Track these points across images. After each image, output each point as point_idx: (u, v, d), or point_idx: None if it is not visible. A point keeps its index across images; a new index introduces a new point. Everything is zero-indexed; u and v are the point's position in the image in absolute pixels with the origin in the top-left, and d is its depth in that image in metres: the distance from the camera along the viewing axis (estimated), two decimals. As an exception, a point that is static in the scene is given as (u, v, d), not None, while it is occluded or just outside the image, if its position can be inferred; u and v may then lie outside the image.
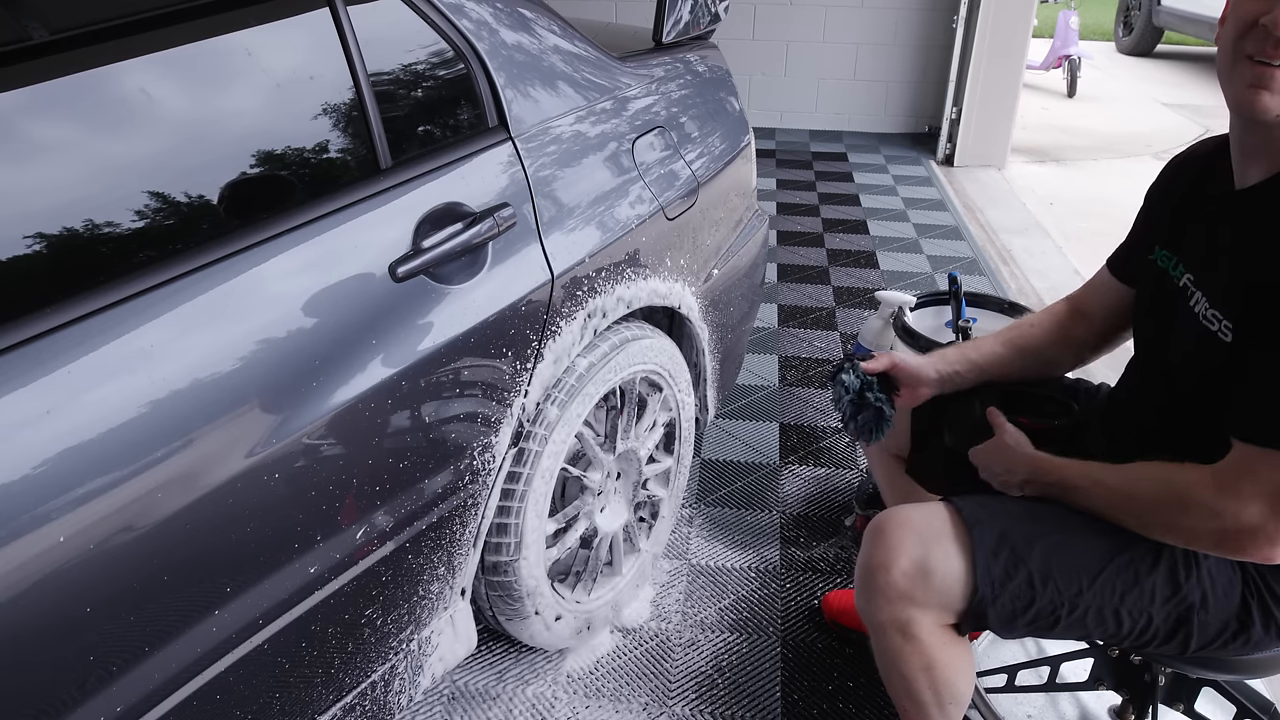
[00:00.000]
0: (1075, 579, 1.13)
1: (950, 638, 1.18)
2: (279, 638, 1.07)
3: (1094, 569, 1.13)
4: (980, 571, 1.13)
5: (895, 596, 1.14)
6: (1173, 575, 1.13)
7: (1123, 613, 1.14)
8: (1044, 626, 1.17)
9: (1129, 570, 1.13)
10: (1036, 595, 1.13)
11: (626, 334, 1.61)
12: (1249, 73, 1.01)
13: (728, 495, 2.24)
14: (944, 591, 1.13)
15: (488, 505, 1.40)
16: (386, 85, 1.26)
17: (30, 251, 0.88)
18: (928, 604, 1.14)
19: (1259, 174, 1.08)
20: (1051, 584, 1.13)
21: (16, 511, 0.81)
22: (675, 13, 1.84)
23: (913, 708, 1.24)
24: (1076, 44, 6.54)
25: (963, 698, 1.24)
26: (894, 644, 1.17)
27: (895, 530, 1.17)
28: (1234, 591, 1.12)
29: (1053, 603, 1.13)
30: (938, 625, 1.16)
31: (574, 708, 1.64)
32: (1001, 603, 1.13)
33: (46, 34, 0.96)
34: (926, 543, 1.14)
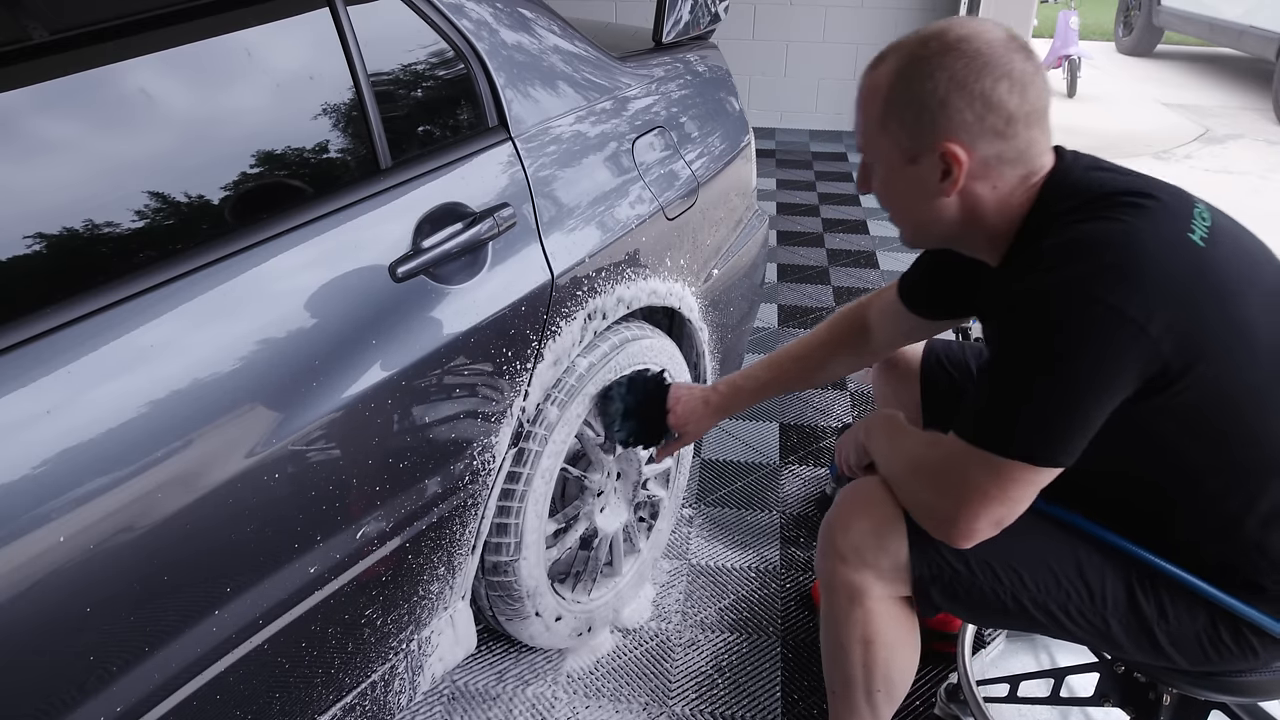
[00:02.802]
0: (1014, 569, 1.13)
1: (898, 616, 1.18)
2: (279, 638, 1.07)
3: (1034, 562, 1.13)
4: (917, 545, 1.13)
5: (849, 556, 1.16)
6: (1126, 584, 1.12)
7: (1074, 613, 1.13)
8: (992, 614, 1.17)
9: (1074, 570, 1.13)
10: (976, 579, 1.13)
11: (626, 334, 1.61)
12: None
13: (728, 495, 2.24)
14: (895, 560, 1.14)
15: (488, 505, 1.40)
16: (386, 85, 1.26)
17: (30, 251, 0.88)
18: (880, 570, 1.15)
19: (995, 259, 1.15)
20: (989, 571, 1.13)
21: (16, 511, 0.81)
22: (675, 13, 1.84)
23: (840, 688, 1.25)
24: (1076, 44, 6.54)
25: (893, 688, 1.23)
26: (840, 608, 1.19)
27: (859, 494, 1.19)
28: (1197, 607, 1.10)
29: (994, 590, 1.13)
30: (889, 597, 1.17)
31: (574, 708, 1.64)
32: (941, 582, 1.14)
33: (46, 34, 0.96)
34: (884, 516, 1.15)
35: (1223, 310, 0.98)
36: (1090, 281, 0.95)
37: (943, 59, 1.01)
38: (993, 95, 1.00)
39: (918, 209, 1.11)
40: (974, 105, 1.01)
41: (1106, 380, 0.96)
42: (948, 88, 1.01)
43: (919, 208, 1.10)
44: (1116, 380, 0.96)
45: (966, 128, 1.02)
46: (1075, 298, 0.95)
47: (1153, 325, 0.94)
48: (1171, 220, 1.00)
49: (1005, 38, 1.02)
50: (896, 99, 1.05)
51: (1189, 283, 0.97)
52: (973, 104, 1.01)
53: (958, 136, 1.02)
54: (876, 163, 1.12)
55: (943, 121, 1.02)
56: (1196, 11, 7.34)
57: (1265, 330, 1.01)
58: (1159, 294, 0.94)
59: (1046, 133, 1.07)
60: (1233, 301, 0.99)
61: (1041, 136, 1.06)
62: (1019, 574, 1.13)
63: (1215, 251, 1.00)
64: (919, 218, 1.12)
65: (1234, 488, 1.06)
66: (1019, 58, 1.01)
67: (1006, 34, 1.03)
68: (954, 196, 1.06)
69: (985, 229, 1.09)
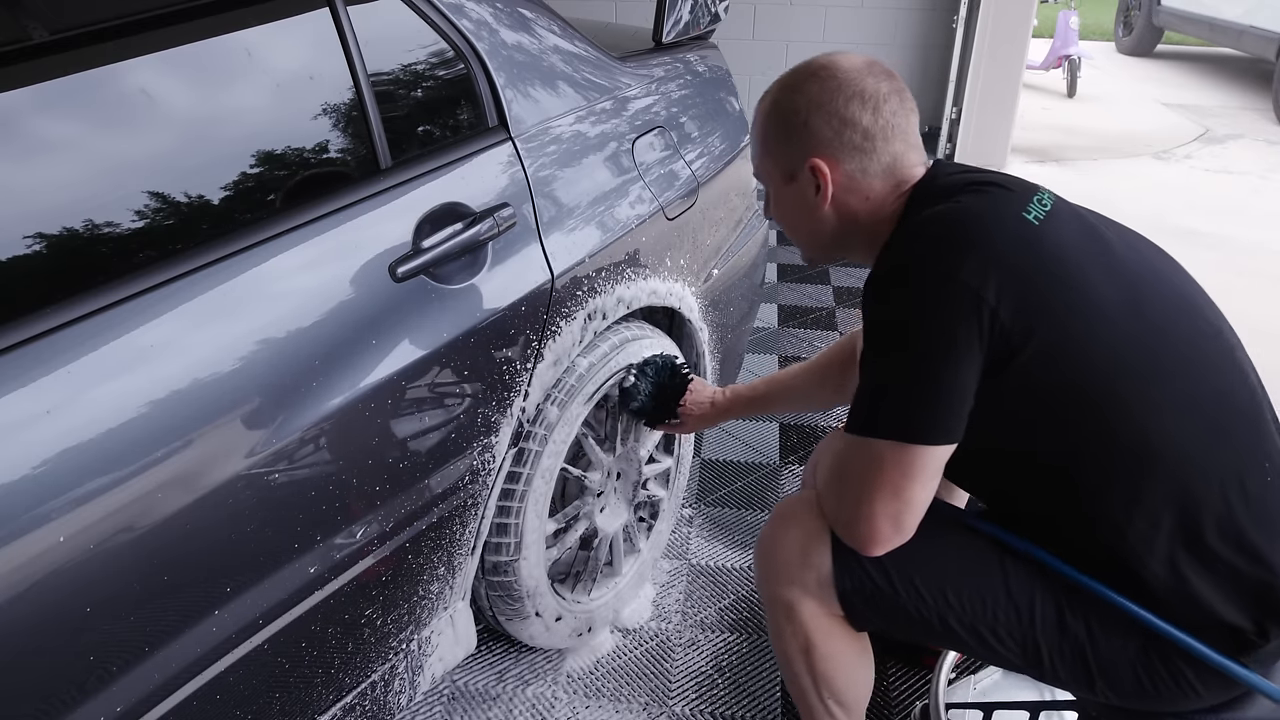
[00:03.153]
0: (938, 585, 1.11)
1: (834, 629, 1.18)
2: (279, 638, 1.07)
3: (957, 576, 1.11)
4: (840, 559, 1.13)
5: (779, 575, 1.18)
6: (1055, 602, 1.09)
7: (1002, 634, 1.10)
8: (923, 633, 1.15)
9: (1000, 587, 1.11)
10: (899, 596, 1.12)
11: (627, 334, 1.61)
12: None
13: (728, 495, 2.24)
14: (819, 575, 1.14)
15: (488, 506, 1.40)
16: (386, 85, 1.26)
17: (30, 251, 0.88)
18: (806, 585, 1.15)
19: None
20: (912, 587, 1.11)
21: (16, 511, 0.81)
22: (675, 13, 1.84)
23: (796, 693, 1.25)
24: (1076, 44, 6.54)
25: (843, 696, 1.23)
26: (778, 621, 1.21)
27: (789, 509, 1.21)
28: (1130, 632, 1.07)
29: (918, 608, 1.12)
30: (822, 612, 1.17)
31: (574, 708, 1.64)
32: (865, 596, 1.13)
33: (46, 34, 0.96)
34: (810, 529, 1.16)
35: (1058, 278, 1.02)
36: (926, 256, 1.03)
37: (805, 85, 1.15)
38: (846, 113, 1.12)
39: (803, 223, 1.22)
40: (831, 123, 1.12)
41: (951, 345, 1.00)
42: (808, 109, 1.14)
43: (803, 222, 1.21)
44: (961, 345, 1.00)
45: (828, 144, 1.13)
46: (912, 272, 1.03)
47: (987, 290, 0.99)
48: (1008, 201, 1.08)
49: (863, 64, 1.15)
50: (772, 125, 1.19)
51: (1021, 250, 1.03)
52: (830, 121, 1.12)
53: (821, 153, 1.14)
54: (768, 186, 1.25)
55: (808, 140, 1.14)
56: (1196, 11, 7.34)
57: (1110, 302, 1.03)
58: (991, 261, 1.00)
59: (912, 147, 1.16)
60: (1068, 269, 1.04)
61: (906, 150, 1.15)
62: (942, 590, 1.11)
63: (1049, 227, 1.06)
64: (806, 230, 1.23)
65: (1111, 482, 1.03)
66: (872, 80, 1.13)
67: (865, 61, 1.15)
68: (830, 209, 1.17)
69: (863, 237, 1.19)
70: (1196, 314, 1.10)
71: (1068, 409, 1.03)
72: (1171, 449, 1.02)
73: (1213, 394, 1.05)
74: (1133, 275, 1.08)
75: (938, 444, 1.03)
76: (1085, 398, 1.02)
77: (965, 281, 0.99)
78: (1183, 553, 1.03)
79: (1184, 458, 1.02)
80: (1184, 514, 1.02)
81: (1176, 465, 1.02)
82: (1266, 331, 3.12)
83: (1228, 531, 1.02)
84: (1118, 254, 1.09)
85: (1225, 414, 1.05)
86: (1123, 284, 1.06)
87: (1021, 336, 0.99)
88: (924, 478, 1.05)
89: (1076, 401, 1.02)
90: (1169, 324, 1.06)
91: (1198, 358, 1.07)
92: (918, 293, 1.02)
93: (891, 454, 1.03)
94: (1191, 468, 1.02)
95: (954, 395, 1.01)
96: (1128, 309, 1.04)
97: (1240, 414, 1.06)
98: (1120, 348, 1.03)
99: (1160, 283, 1.10)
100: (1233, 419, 1.05)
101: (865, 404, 1.06)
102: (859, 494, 1.07)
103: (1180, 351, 1.05)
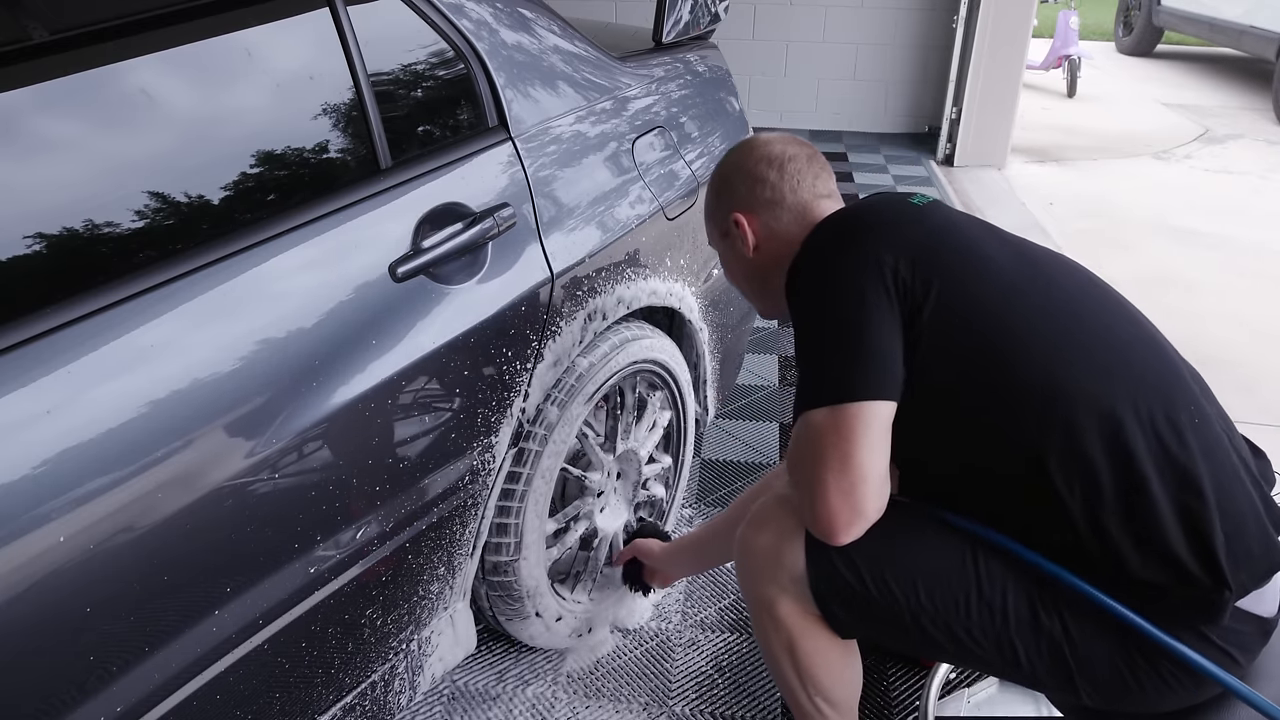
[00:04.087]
0: (909, 583, 1.11)
1: (815, 627, 1.18)
2: (279, 638, 1.07)
3: (928, 574, 1.11)
4: (813, 558, 1.13)
5: (756, 576, 1.20)
6: (1028, 598, 1.08)
7: (976, 634, 1.09)
8: (897, 636, 1.15)
9: (971, 583, 1.10)
10: (871, 594, 1.11)
11: (626, 334, 1.61)
12: None
13: (728, 495, 2.24)
14: (792, 573, 1.15)
15: (488, 506, 1.40)
16: (386, 85, 1.26)
17: (30, 251, 0.88)
18: (781, 584, 1.16)
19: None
20: (883, 584, 1.11)
21: (16, 511, 0.81)
22: (675, 13, 1.84)
23: (786, 693, 1.26)
24: (1076, 44, 6.54)
25: (830, 694, 1.23)
26: (761, 620, 1.22)
27: (763, 514, 1.22)
28: (1105, 627, 1.06)
29: (891, 607, 1.11)
30: (801, 610, 1.17)
31: (574, 708, 1.65)
32: (839, 597, 1.13)
33: (46, 34, 0.96)
34: (783, 529, 1.17)
35: (945, 240, 1.14)
36: (822, 244, 1.18)
37: (729, 155, 1.34)
38: (756, 171, 1.29)
39: (742, 275, 1.36)
40: (745, 180, 1.30)
41: (860, 301, 1.08)
42: (729, 172, 1.33)
43: (742, 273, 1.36)
44: (870, 300, 1.08)
45: (741, 199, 1.30)
46: (816, 260, 1.16)
47: (885, 255, 1.10)
48: (892, 196, 1.25)
49: (784, 137, 1.33)
50: (709, 193, 1.37)
51: (909, 222, 1.16)
52: (744, 180, 1.30)
53: (739, 207, 1.30)
54: (714, 245, 1.40)
55: (728, 197, 1.32)
56: (1196, 11, 7.34)
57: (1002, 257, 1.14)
58: (882, 232, 1.14)
59: (821, 196, 1.29)
60: (953, 233, 1.16)
61: (814, 199, 1.28)
62: (914, 587, 1.10)
63: (934, 209, 1.20)
64: (746, 281, 1.37)
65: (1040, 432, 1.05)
66: (781, 146, 1.30)
67: (786, 138, 1.33)
68: (756, 257, 1.31)
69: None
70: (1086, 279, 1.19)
71: (978, 362, 1.08)
72: (1080, 387, 1.05)
73: (1109, 333, 1.11)
74: (1019, 243, 1.20)
75: (870, 399, 1.06)
76: (992, 345, 1.08)
77: (863, 248, 1.12)
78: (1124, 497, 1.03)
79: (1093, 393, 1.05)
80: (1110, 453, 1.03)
81: (1088, 402, 1.04)
82: (1266, 331, 3.12)
83: (1161, 465, 1.03)
84: (1004, 236, 1.21)
85: (1125, 351, 1.10)
86: (1012, 248, 1.17)
87: (923, 289, 1.08)
88: (869, 440, 1.06)
89: (984, 351, 1.08)
90: (1059, 275, 1.16)
91: (1096, 307, 1.14)
92: (818, 270, 1.14)
93: (828, 420, 1.07)
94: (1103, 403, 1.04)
95: (876, 349, 1.07)
96: (1019, 263, 1.14)
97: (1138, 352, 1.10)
98: (1017, 294, 1.10)
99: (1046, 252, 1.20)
100: (1134, 354, 1.10)
101: (799, 387, 1.13)
102: (810, 472, 1.08)
103: (1079, 300, 1.13)
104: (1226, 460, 1.06)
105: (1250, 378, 2.82)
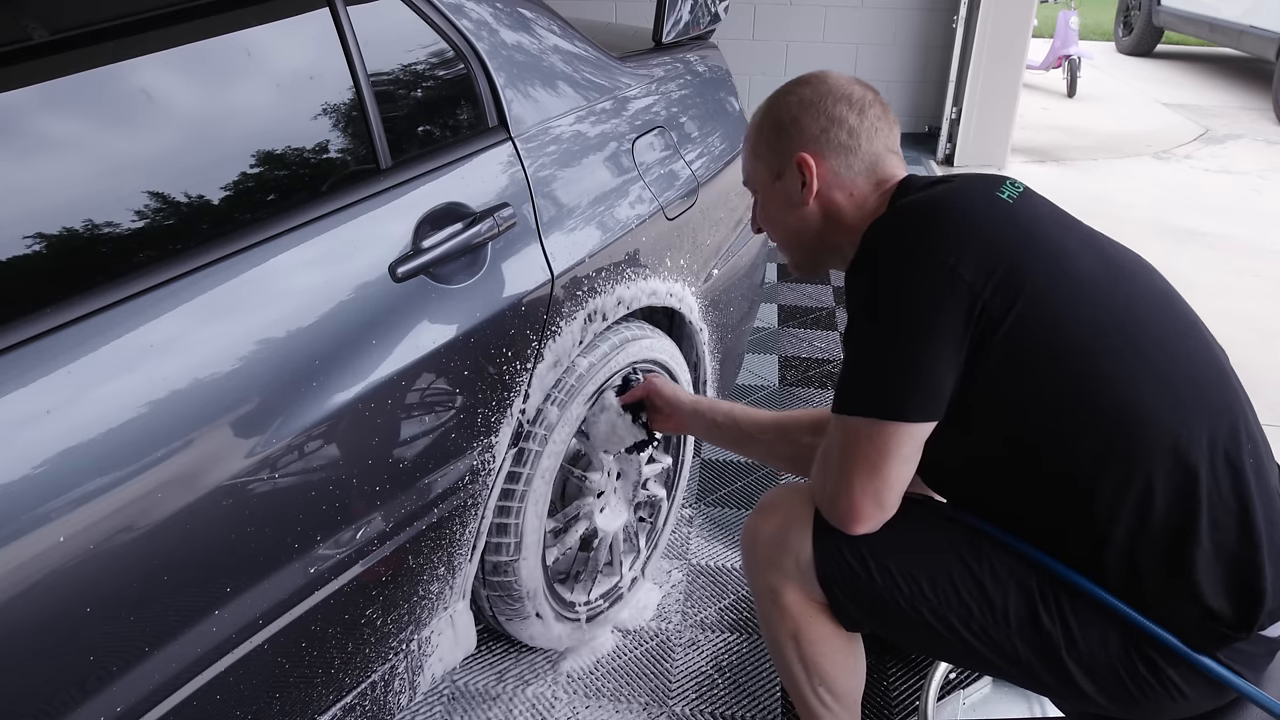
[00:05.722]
0: (913, 575, 1.11)
1: (821, 615, 1.18)
2: (279, 638, 1.07)
3: (933, 567, 1.11)
4: (820, 545, 1.14)
5: (762, 563, 1.20)
6: (1029, 598, 1.08)
7: (976, 629, 1.09)
8: (900, 628, 1.15)
9: (973, 581, 1.10)
10: (876, 584, 1.12)
11: (626, 334, 1.61)
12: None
13: (728, 495, 2.24)
14: (798, 560, 1.15)
15: (488, 506, 1.40)
16: (386, 85, 1.26)
17: (30, 251, 0.88)
18: (786, 571, 1.16)
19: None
20: (888, 575, 1.11)
21: (16, 511, 0.81)
22: (675, 13, 1.84)
23: (789, 682, 1.25)
24: (1076, 44, 6.53)
25: (834, 685, 1.23)
26: (765, 608, 1.22)
27: (771, 502, 1.23)
28: (1109, 631, 1.05)
29: (894, 598, 1.11)
30: (807, 598, 1.17)
31: (574, 708, 1.65)
32: (844, 585, 1.13)
33: (46, 34, 0.96)
34: (791, 516, 1.17)
35: (1036, 246, 1.06)
36: (899, 238, 1.07)
37: (796, 88, 1.22)
38: (834, 111, 1.18)
39: (787, 221, 1.25)
40: (819, 120, 1.18)
41: (926, 323, 1.02)
42: (798, 109, 1.20)
43: (788, 220, 1.24)
44: (936, 323, 1.02)
45: (814, 139, 1.19)
46: (884, 255, 1.07)
47: (964, 267, 1.01)
48: (979, 184, 1.14)
49: (849, 78, 1.22)
50: (763, 129, 1.24)
51: (996, 223, 1.07)
52: (818, 119, 1.18)
53: (808, 148, 1.19)
54: (756, 191, 1.29)
55: (796, 135, 1.20)
56: (1196, 11, 7.34)
57: (1088, 268, 1.07)
58: (966, 238, 1.03)
59: (893, 151, 1.20)
60: (1047, 236, 1.08)
61: (887, 153, 1.20)
62: (917, 581, 1.11)
63: (1022, 204, 1.10)
64: (792, 229, 1.25)
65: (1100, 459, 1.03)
66: (858, 88, 1.20)
67: (854, 77, 1.23)
68: (814, 204, 1.20)
69: (846, 235, 1.20)
70: (1167, 295, 1.13)
71: (1052, 381, 1.03)
72: (1155, 417, 1.02)
73: (1190, 362, 1.07)
74: (1105, 244, 1.13)
75: (914, 421, 1.04)
76: (1068, 368, 1.03)
77: (940, 260, 1.02)
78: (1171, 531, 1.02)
79: (1167, 427, 1.02)
80: (1171, 488, 1.01)
81: (1161, 434, 1.01)
82: (1266, 330, 3.12)
83: (1215, 506, 1.01)
84: (1091, 235, 1.14)
85: (1203, 384, 1.06)
86: (1096, 252, 1.10)
87: (1001, 309, 1.01)
88: (901, 455, 1.06)
89: (1059, 371, 1.03)
90: (1145, 289, 1.10)
91: (1171, 325, 1.09)
92: (892, 273, 1.05)
93: (867, 430, 1.06)
94: (1175, 438, 1.02)
95: (931, 373, 1.03)
96: (1105, 274, 1.07)
97: (1213, 384, 1.07)
98: (1100, 314, 1.05)
99: (1126, 255, 1.14)
100: (1209, 388, 1.06)
101: (844, 383, 1.09)
102: (840, 470, 1.08)
103: (1156, 317, 1.08)
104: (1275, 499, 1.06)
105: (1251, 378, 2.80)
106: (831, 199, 1.20)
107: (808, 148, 1.19)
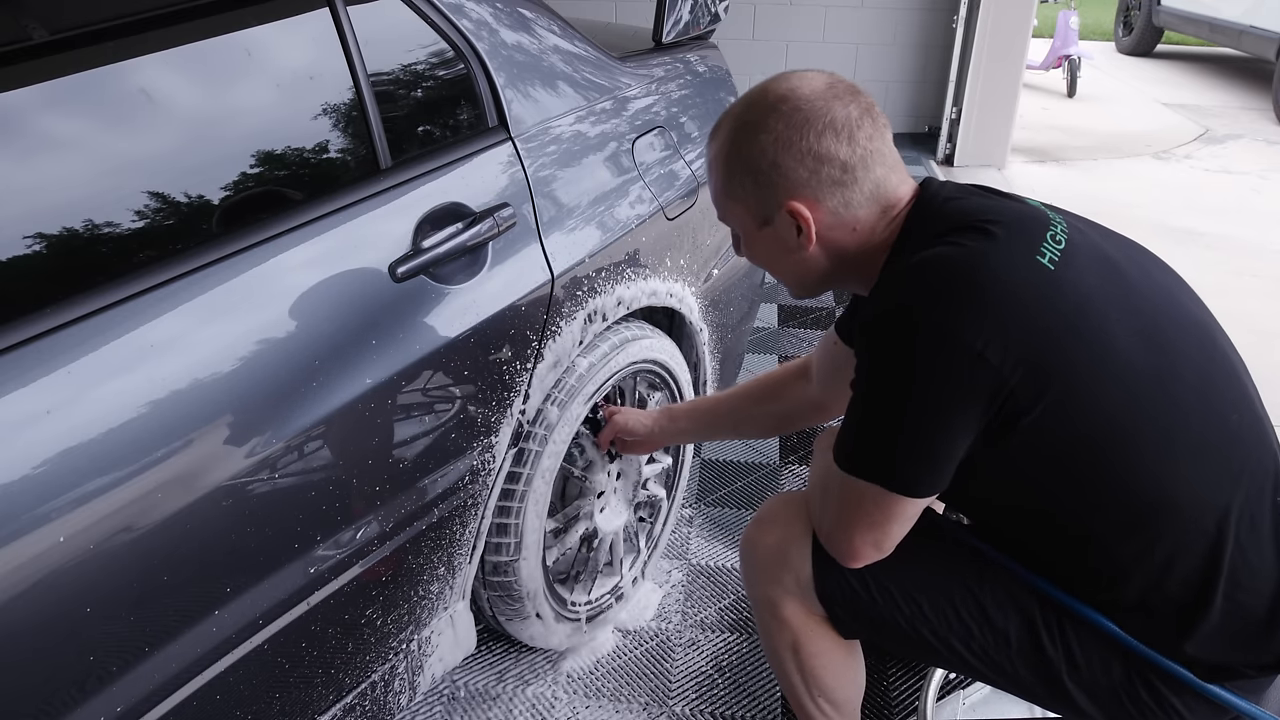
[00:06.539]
0: (913, 597, 1.10)
1: (820, 627, 1.17)
2: (279, 638, 1.07)
3: (934, 590, 1.10)
4: (820, 562, 1.13)
5: (761, 574, 1.18)
6: (1030, 623, 1.07)
7: (977, 650, 1.09)
8: (901, 644, 1.14)
9: (974, 603, 1.09)
10: (877, 604, 1.11)
11: (626, 334, 1.61)
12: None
13: (728, 495, 2.24)
14: (798, 576, 1.14)
15: (488, 506, 1.40)
16: (386, 85, 1.26)
17: (30, 251, 0.88)
18: (785, 586, 1.15)
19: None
20: (889, 595, 1.10)
21: (16, 511, 0.81)
22: (675, 13, 1.84)
23: (788, 691, 1.25)
24: (1076, 44, 6.53)
25: (833, 695, 1.22)
26: (764, 619, 1.21)
27: (770, 514, 1.21)
28: (1111, 658, 1.04)
29: (894, 617, 1.11)
30: (806, 611, 1.16)
31: (574, 708, 1.64)
32: (844, 602, 1.13)
33: (46, 34, 0.96)
34: (790, 532, 1.16)
35: (1078, 332, 0.95)
36: (927, 308, 0.94)
37: (766, 121, 1.02)
38: (820, 148, 1.01)
39: (787, 266, 1.12)
40: (805, 161, 1.01)
41: (947, 407, 0.94)
42: (775, 151, 1.02)
43: (787, 264, 1.11)
44: (958, 408, 0.94)
45: (804, 184, 1.02)
46: (909, 325, 0.94)
47: (991, 351, 0.91)
48: (1019, 243, 0.98)
49: (824, 87, 1.03)
50: (734, 168, 1.06)
51: (1033, 307, 0.94)
52: (804, 160, 1.01)
53: (799, 194, 1.03)
54: (737, 229, 1.14)
55: (780, 183, 1.03)
56: (1196, 11, 7.34)
57: (1131, 348, 0.97)
58: (998, 320, 0.92)
59: (892, 169, 1.05)
60: (1090, 320, 0.96)
61: (888, 174, 1.05)
62: (917, 602, 1.10)
63: (1066, 271, 0.97)
64: (791, 272, 1.13)
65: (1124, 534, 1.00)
66: (839, 105, 1.02)
67: (826, 82, 1.03)
68: (816, 248, 1.07)
69: (856, 269, 1.09)
70: (1210, 342, 1.05)
71: (1079, 464, 0.98)
72: (1187, 497, 0.98)
73: (1226, 431, 1.01)
74: (1151, 309, 1.01)
75: (920, 496, 1.02)
76: (1098, 452, 0.97)
77: (968, 343, 0.91)
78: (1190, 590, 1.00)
79: (1199, 504, 0.98)
80: (1194, 561, 0.99)
81: (1192, 511, 0.98)
82: (1266, 331, 3.12)
83: (1238, 569, 0.99)
84: (1136, 287, 1.02)
85: (1238, 452, 1.01)
86: (1143, 323, 0.99)
87: (1030, 398, 0.93)
88: (905, 517, 1.04)
89: (1088, 457, 0.98)
90: (1185, 360, 1.00)
91: (1212, 393, 1.01)
92: (916, 348, 0.94)
93: (874, 495, 1.02)
94: (1206, 513, 0.98)
95: (943, 455, 0.98)
96: (1147, 350, 0.97)
97: (1251, 447, 1.02)
98: (1138, 396, 0.96)
99: (1176, 310, 1.04)
100: (1245, 455, 1.01)
101: (853, 442, 1.02)
102: (840, 518, 1.07)
103: (1196, 390, 1.00)
104: None
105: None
106: (834, 240, 1.06)
107: (796, 195, 1.03)
